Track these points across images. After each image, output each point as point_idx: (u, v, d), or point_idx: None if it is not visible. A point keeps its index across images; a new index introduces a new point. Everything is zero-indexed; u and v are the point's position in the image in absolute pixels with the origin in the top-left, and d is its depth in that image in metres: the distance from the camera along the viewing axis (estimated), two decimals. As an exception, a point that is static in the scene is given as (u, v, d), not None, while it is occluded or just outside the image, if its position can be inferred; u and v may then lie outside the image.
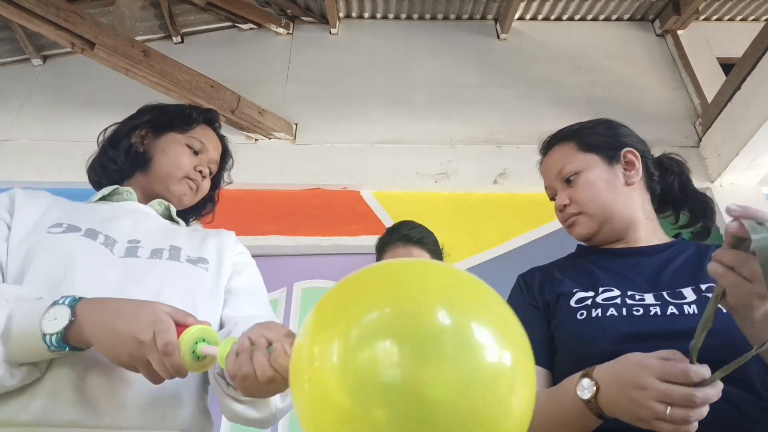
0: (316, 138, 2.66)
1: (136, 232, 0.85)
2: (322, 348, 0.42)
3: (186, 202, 1.00)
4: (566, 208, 0.92)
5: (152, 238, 0.85)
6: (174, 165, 0.97)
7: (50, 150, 2.63)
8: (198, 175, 1.00)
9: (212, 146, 1.05)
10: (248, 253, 1.01)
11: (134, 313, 0.61)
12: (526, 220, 2.40)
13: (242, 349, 0.59)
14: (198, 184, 1.00)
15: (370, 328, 0.40)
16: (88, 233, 0.79)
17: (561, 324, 0.81)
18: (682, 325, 0.71)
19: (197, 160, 1.01)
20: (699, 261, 0.85)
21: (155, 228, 0.89)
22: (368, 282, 0.47)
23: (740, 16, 3.21)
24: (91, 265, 0.73)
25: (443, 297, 0.42)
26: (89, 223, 0.81)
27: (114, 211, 0.89)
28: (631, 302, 0.77)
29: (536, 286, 0.90)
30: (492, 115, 2.76)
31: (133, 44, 2.25)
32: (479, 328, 0.40)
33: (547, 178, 0.99)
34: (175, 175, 0.97)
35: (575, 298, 0.82)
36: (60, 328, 0.59)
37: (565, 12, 3.16)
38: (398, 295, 0.42)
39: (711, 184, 2.51)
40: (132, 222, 0.87)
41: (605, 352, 0.70)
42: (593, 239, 0.92)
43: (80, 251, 0.74)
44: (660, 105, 2.79)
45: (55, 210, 0.83)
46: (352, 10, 3.17)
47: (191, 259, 0.85)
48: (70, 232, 0.77)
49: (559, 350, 0.81)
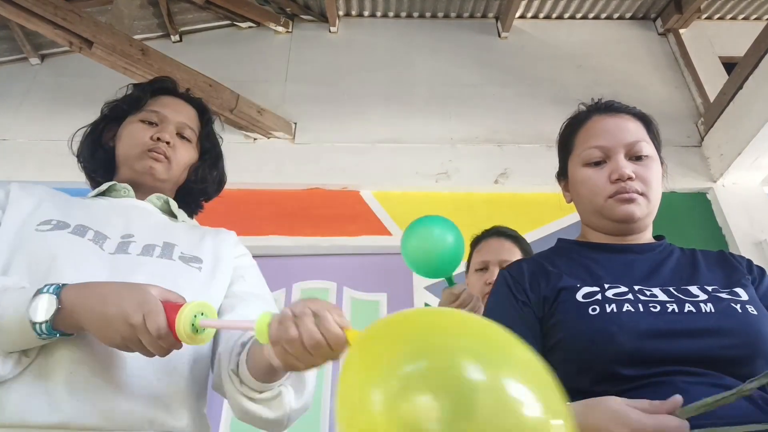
0: (315, 137, 2.65)
1: (131, 227, 0.83)
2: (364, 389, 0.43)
3: (160, 175, 0.92)
4: (631, 181, 0.83)
5: (147, 234, 0.83)
6: (131, 144, 0.93)
7: (48, 149, 2.61)
8: (158, 143, 0.92)
9: (171, 110, 0.97)
10: (249, 254, 0.97)
11: (122, 295, 0.61)
12: (527, 220, 2.39)
13: (285, 317, 0.58)
14: (163, 152, 0.92)
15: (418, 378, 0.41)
16: (77, 230, 0.77)
17: (566, 320, 0.76)
18: (702, 324, 0.70)
19: (154, 130, 0.94)
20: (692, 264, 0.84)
21: (152, 224, 0.87)
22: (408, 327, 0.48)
23: (742, 15, 3.20)
24: (76, 264, 0.72)
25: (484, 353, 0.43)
26: (81, 218, 0.80)
27: (112, 206, 0.87)
28: (643, 298, 0.74)
29: (526, 281, 0.85)
30: (493, 114, 2.74)
31: (132, 43, 2.23)
32: (516, 384, 0.41)
33: (611, 139, 0.86)
34: (133, 153, 0.92)
35: (582, 292, 0.77)
36: (49, 316, 0.60)
37: (567, 10, 3.14)
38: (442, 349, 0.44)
39: (713, 184, 2.50)
40: (128, 218, 0.85)
41: (622, 349, 0.68)
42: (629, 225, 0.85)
43: (64, 250, 0.73)
44: (662, 104, 2.77)
45: (49, 204, 0.81)
46: (352, 9, 3.15)
47: (184, 257, 0.83)
48: (58, 229, 0.76)
49: (563, 347, 0.76)
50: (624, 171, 0.83)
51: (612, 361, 0.69)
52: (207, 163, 1.02)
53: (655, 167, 0.86)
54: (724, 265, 0.84)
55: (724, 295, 0.74)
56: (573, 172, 0.92)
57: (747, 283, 0.79)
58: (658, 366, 0.68)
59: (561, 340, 0.76)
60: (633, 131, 0.87)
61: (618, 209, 0.83)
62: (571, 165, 0.93)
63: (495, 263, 1.28)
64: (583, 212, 0.92)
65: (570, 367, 0.74)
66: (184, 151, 0.97)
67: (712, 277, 0.80)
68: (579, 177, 0.89)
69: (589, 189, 0.87)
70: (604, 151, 0.86)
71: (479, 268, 1.31)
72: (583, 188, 0.88)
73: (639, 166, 0.85)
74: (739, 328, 0.69)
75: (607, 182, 0.84)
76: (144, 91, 1.00)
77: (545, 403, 0.41)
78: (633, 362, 0.69)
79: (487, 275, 1.28)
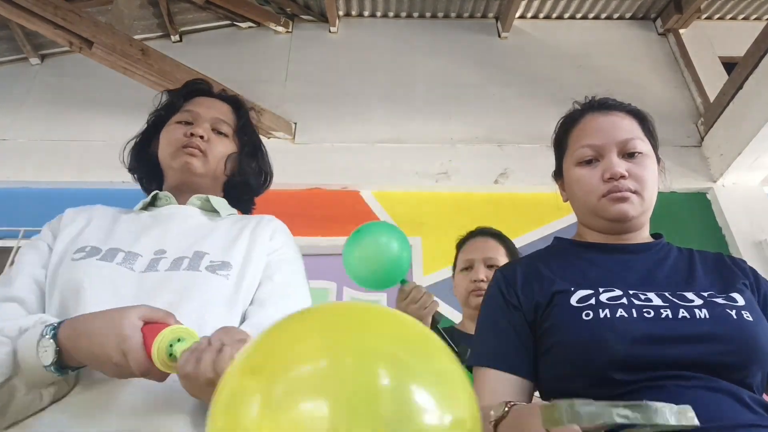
0: (315, 137, 2.65)
1: (165, 240, 0.84)
2: (244, 396, 0.37)
3: (197, 170, 0.93)
4: (623, 179, 0.82)
5: (179, 244, 0.84)
6: (166, 145, 0.95)
7: (49, 149, 2.62)
8: (193, 138, 0.93)
9: (204, 108, 0.99)
10: (288, 245, 0.94)
11: (104, 333, 0.62)
12: (527, 220, 2.39)
13: (196, 348, 0.59)
14: (198, 146, 0.93)
15: (301, 384, 0.35)
16: (108, 254, 0.79)
17: (560, 325, 0.75)
18: (695, 330, 0.69)
19: (189, 128, 0.95)
20: (689, 266, 0.83)
21: (188, 230, 0.87)
22: (311, 324, 0.41)
23: (742, 15, 3.20)
24: (99, 293, 0.74)
25: (388, 353, 0.38)
26: (117, 240, 0.83)
27: (154, 218, 0.89)
28: (638, 303, 0.73)
29: (519, 284, 0.83)
30: (493, 114, 2.75)
31: (132, 43, 2.23)
32: (422, 391, 0.36)
33: (602, 137, 0.85)
34: (169, 153, 0.94)
35: (576, 297, 0.76)
36: (51, 360, 0.62)
37: (567, 10, 3.14)
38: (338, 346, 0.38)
39: (713, 184, 2.50)
40: (165, 229, 0.87)
41: (616, 355, 0.68)
42: (623, 223, 0.84)
43: (90, 278, 0.75)
44: (662, 104, 2.77)
45: (93, 227, 0.86)
46: (352, 9, 3.15)
47: (213, 265, 0.81)
48: (90, 257, 0.78)
49: (557, 352, 0.75)
50: (616, 169, 0.82)
51: (605, 367, 0.69)
52: (244, 153, 1.02)
53: (649, 164, 0.84)
54: (722, 269, 0.83)
55: (720, 300, 0.74)
56: (567, 172, 0.91)
57: (744, 288, 0.79)
58: (652, 371, 0.68)
59: (555, 345, 0.75)
60: (626, 128, 0.86)
61: (611, 208, 0.82)
62: (566, 164, 0.92)
63: (480, 261, 1.29)
64: (578, 211, 0.91)
65: (564, 371, 0.74)
66: (219, 144, 0.97)
67: (709, 282, 0.79)
68: (573, 176, 0.88)
69: (583, 188, 0.86)
70: (597, 149, 0.85)
71: (465, 267, 1.32)
72: (577, 187, 0.87)
73: (632, 163, 0.83)
74: (734, 334, 0.69)
75: (600, 181, 0.83)
76: (178, 94, 1.03)
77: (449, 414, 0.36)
78: (626, 368, 0.68)
79: (473, 273, 1.28)
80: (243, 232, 0.89)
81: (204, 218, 0.92)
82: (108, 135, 2.64)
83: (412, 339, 0.41)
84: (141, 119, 1.10)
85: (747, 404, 0.66)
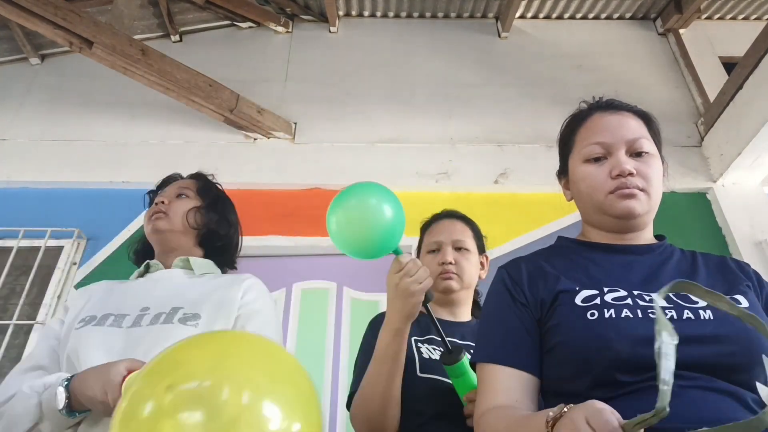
0: (315, 137, 2.65)
1: (149, 299, 1.03)
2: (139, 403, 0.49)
3: (161, 227, 1.12)
4: (631, 177, 0.83)
5: (160, 302, 1.01)
6: (145, 231, 1.17)
7: (48, 149, 2.61)
8: (155, 206, 1.14)
9: (168, 187, 1.21)
10: (260, 299, 1.07)
11: (95, 381, 0.82)
12: (527, 220, 2.39)
13: None
14: (159, 209, 1.13)
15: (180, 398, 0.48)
16: (102, 320, 0.99)
17: (564, 324, 0.75)
18: (700, 331, 0.69)
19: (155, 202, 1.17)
20: (693, 268, 0.83)
21: (170, 289, 1.06)
22: (193, 352, 0.55)
23: (742, 15, 3.20)
24: (94, 350, 0.93)
25: (247, 377, 0.51)
26: (111, 306, 1.02)
27: (144, 284, 1.09)
28: (642, 303, 0.73)
29: (525, 281, 0.84)
30: (493, 114, 2.74)
31: (132, 43, 2.23)
32: (272, 407, 0.49)
33: (611, 136, 0.86)
34: (144, 225, 1.16)
35: (581, 296, 0.76)
36: (63, 404, 0.83)
37: (567, 10, 3.14)
38: (211, 371, 0.51)
39: (713, 184, 2.50)
40: (150, 289, 1.06)
41: (620, 355, 0.68)
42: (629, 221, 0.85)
43: (87, 342, 0.95)
44: (662, 104, 2.77)
45: (94, 300, 1.06)
46: (352, 9, 3.15)
47: (185, 317, 0.98)
48: (87, 324, 0.98)
49: (561, 351, 0.75)
50: (625, 167, 0.82)
51: (609, 367, 0.69)
52: (205, 205, 1.19)
53: (655, 164, 0.85)
54: (725, 271, 0.83)
55: None
56: (573, 169, 0.91)
57: (747, 290, 0.78)
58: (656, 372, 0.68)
59: (558, 344, 0.75)
60: (634, 128, 0.87)
61: (618, 204, 0.83)
62: (572, 162, 0.92)
63: (448, 243, 1.24)
64: (584, 209, 0.91)
65: (567, 371, 0.74)
66: (179, 203, 1.16)
67: (713, 284, 0.79)
68: (580, 173, 0.89)
69: (590, 185, 0.86)
70: (605, 147, 0.86)
71: (432, 249, 1.27)
72: (584, 184, 0.88)
73: (640, 162, 0.84)
74: (737, 335, 0.69)
75: (608, 178, 0.84)
76: (155, 192, 1.24)
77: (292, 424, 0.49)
78: (630, 368, 0.68)
79: (440, 256, 1.23)
80: (217, 289, 1.05)
81: (185, 278, 1.10)
82: (108, 135, 2.64)
83: (272, 365, 0.55)
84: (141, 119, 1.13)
85: (749, 406, 0.66)
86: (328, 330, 2.18)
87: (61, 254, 2.31)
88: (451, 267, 1.20)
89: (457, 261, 1.22)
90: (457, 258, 1.22)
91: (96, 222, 2.38)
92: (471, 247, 1.26)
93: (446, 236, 1.26)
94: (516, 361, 0.78)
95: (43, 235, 2.31)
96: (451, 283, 1.19)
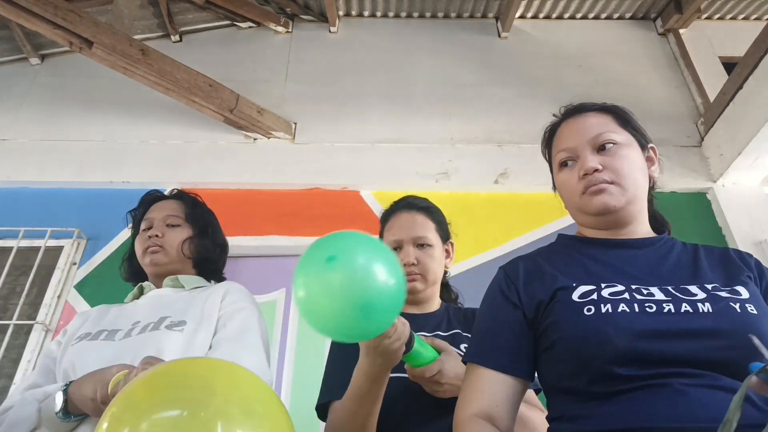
0: (315, 137, 2.65)
1: (140, 315, 1.10)
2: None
3: (159, 261, 1.19)
4: (597, 173, 0.84)
5: (149, 315, 1.09)
6: (138, 250, 1.22)
7: (48, 149, 2.61)
8: (150, 240, 1.19)
9: (156, 211, 1.25)
10: (239, 300, 1.13)
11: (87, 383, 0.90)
12: (527, 220, 2.39)
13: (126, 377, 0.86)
14: (155, 243, 1.19)
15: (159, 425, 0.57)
16: (96, 335, 1.07)
17: (562, 321, 0.76)
18: (698, 324, 0.69)
19: (148, 232, 1.21)
20: (694, 260, 0.83)
21: (159, 304, 1.12)
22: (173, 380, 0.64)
23: (742, 15, 3.20)
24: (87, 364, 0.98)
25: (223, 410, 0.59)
26: (105, 324, 1.11)
27: (137, 304, 1.16)
28: (640, 297, 0.73)
29: (521, 282, 0.85)
30: (493, 114, 2.74)
31: (132, 43, 2.23)
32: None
33: (574, 140, 0.89)
34: (140, 255, 1.21)
35: (578, 292, 0.77)
36: (60, 407, 0.90)
37: (567, 10, 3.14)
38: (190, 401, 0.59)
39: (713, 184, 2.50)
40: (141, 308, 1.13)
41: (617, 349, 0.68)
42: (609, 216, 0.85)
43: (81, 355, 1.03)
44: (662, 104, 2.77)
45: (91, 320, 1.14)
46: (352, 9, 3.15)
47: (171, 324, 1.04)
48: (82, 340, 1.07)
49: (559, 348, 0.75)
50: (588, 165, 0.85)
51: (607, 361, 0.69)
52: (196, 235, 1.25)
53: (625, 153, 0.86)
54: (727, 262, 0.83)
55: (723, 293, 0.73)
56: (555, 179, 0.95)
57: (748, 280, 0.78)
58: (655, 367, 0.67)
59: (556, 341, 0.76)
60: (595, 125, 0.89)
61: (591, 202, 0.84)
62: (554, 173, 0.96)
63: (409, 242, 1.16)
64: (571, 214, 0.94)
65: (566, 368, 0.74)
66: (173, 235, 1.22)
67: (714, 275, 0.79)
68: (558, 182, 0.93)
69: (566, 190, 0.90)
70: (571, 151, 0.89)
71: (393, 248, 1.18)
72: (563, 191, 0.92)
73: (606, 156, 0.85)
74: (737, 328, 0.68)
75: (578, 180, 0.86)
76: (137, 211, 1.29)
77: None
78: (628, 362, 0.68)
79: (402, 256, 1.15)
80: (201, 298, 1.12)
81: (173, 294, 1.17)
82: (108, 135, 2.65)
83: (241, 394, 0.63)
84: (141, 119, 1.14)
85: (752, 401, 0.65)
86: (328, 330, 2.18)
87: (61, 254, 2.31)
88: (414, 268, 1.14)
89: (420, 260, 1.15)
90: (419, 256, 1.16)
91: (96, 222, 2.38)
92: (433, 240, 1.19)
93: (406, 233, 1.18)
94: (500, 364, 0.79)
95: (43, 235, 2.31)
96: (416, 284, 1.14)
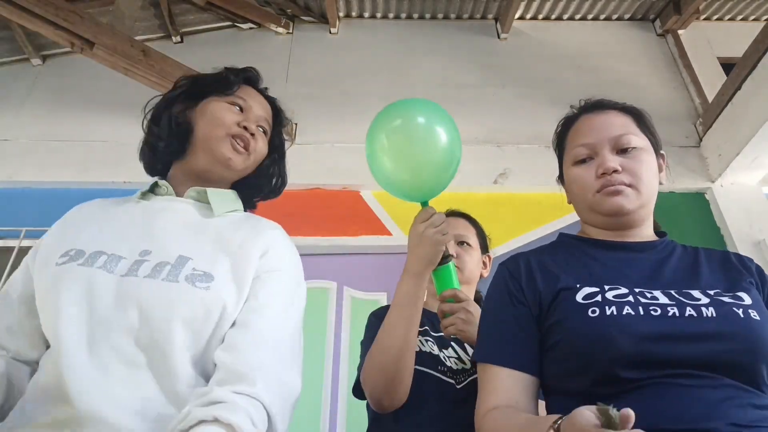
0: (315, 138, 2.66)
1: (152, 239, 0.80)
2: None
3: (236, 166, 0.91)
4: (616, 174, 0.83)
5: (165, 245, 0.80)
6: (215, 124, 0.90)
7: (49, 149, 2.62)
8: (244, 131, 0.91)
9: (257, 103, 0.98)
10: (282, 258, 0.88)
11: None
12: (526, 220, 2.40)
13: None
14: (246, 142, 0.91)
15: None
16: (90, 258, 0.77)
17: (565, 321, 0.75)
18: (703, 328, 0.69)
19: (242, 116, 0.92)
20: (695, 265, 0.83)
21: (178, 229, 0.83)
22: None
23: (741, 15, 3.21)
24: (76, 298, 0.74)
25: None
26: (101, 240, 0.80)
27: (147, 212, 0.86)
28: (644, 301, 0.73)
29: (523, 279, 0.84)
30: (492, 115, 2.75)
31: (133, 44, 2.24)
32: None
33: (596, 135, 0.87)
34: (217, 134, 0.89)
35: (582, 293, 0.76)
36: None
37: (566, 12, 3.15)
38: None
39: (712, 184, 2.51)
40: (154, 226, 0.83)
41: (622, 352, 0.68)
42: (621, 218, 0.85)
43: (68, 285, 0.75)
44: (660, 105, 2.78)
45: (80, 225, 0.85)
46: (352, 10, 3.16)
47: (194, 275, 0.76)
48: (72, 261, 0.77)
49: (562, 349, 0.75)
50: (609, 164, 0.84)
51: (611, 364, 0.69)
52: (271, 157, 1.03)
53: (644, 158, 0.86)
54: (728, 267, 0.83)
55: (726, 298, 0.73)
56: (566, 173, 0.93)
57: (750, 287, 0.78)
58: (659, 369, 0.67)
59: (560, 341, 0.75)
60: (619, 125, 0.88)
61: (606, 202, 0.84)
62: (565, 166, 0.94)
63: (450, 238, 1.21)
64: (579, 210, 0.93)
65: (569, 368, 0.74)
66: (262, 144, 0.98)
67: (715, 280, 0.79)
68: (570, 176, 0.91)
69: (579, 186, 0.88)
70: (590, 147, 0.88)
71: None
72: (575, 186, 0.90)
73: (626, 158, 0.85)
74: (741, 333, 0.68)
75: (594, 177, 0.86)
76: (237, 75, 0.99)
77: None
78: (632, 365, 0.68)
79: None
80: (234, 239, 0.84)
81: (197, 215, 0.87)
82: (109, 135, 2.65)
83: None
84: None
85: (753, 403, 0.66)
86: (328, 329, 2.19)
87: (63, 254, 2.31)
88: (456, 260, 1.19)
89: (459, 255, 1.22)
90: (459, 252, 1.23)
91: (97, 222, 2.39)
92: (473, 243, 1.28)
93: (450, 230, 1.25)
94: (513, 361, 0.78)
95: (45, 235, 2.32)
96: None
